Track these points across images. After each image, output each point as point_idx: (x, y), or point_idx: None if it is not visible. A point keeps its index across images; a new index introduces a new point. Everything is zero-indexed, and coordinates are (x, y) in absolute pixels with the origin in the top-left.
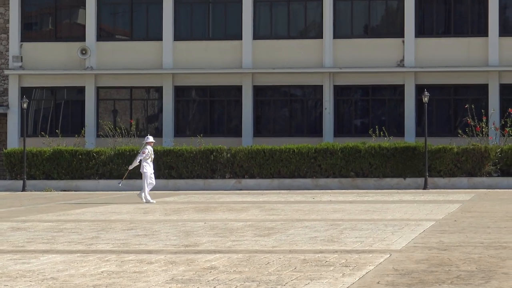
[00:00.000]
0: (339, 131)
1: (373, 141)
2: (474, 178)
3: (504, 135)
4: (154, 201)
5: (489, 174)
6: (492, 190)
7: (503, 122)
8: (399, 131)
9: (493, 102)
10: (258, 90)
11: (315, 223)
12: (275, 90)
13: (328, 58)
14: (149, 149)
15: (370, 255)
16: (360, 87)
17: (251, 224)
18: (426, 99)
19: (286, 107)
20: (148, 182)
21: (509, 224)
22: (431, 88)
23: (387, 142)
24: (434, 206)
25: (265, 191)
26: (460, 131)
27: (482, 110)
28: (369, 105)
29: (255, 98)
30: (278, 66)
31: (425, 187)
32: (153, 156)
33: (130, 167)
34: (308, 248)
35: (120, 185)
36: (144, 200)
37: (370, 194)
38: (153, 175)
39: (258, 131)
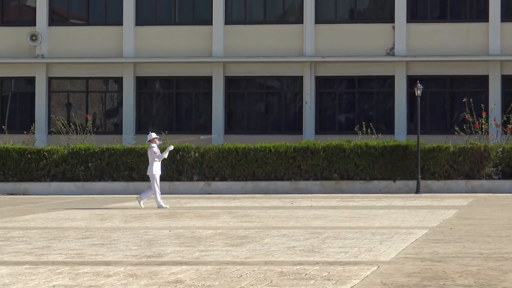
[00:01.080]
0: (321, 128)
1: (359, 139)
2: (473, 181)
3: (506, 133)
4: (168, 206)
5: (489, 177)
6: (493, 194)
7: (505, 118)
8: (389, 128)
9: (494, 95)
10: (230, 82)
11: (294, 231)
12: (250, 82)
13: (309, 45)
14: (156, 146)
15: (356, 267)
16: (345, 78)
17: (222, 232)
18: (419, 92)
19: (261, 100)
20: (158, 185)
21: (511, 232)
22: (425, 79)
23: (375, 140)
24: (427, 212)
25: (237, 195)
26: (457, 128)
27: (482, 105)
28: (355, 99)
29: (226, 91)
30: (252, 55)
31: (417, 191)
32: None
33: (165, 154)
34: (286, 259)
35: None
36: (160, 206)
37: (355, 199)
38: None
39: (230, 128)
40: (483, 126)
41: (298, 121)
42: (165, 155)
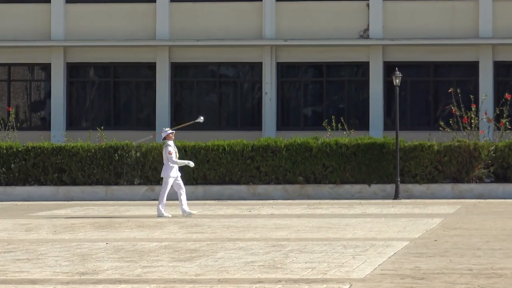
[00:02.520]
0: (283, 123)
1: (328, 137)
2: (460, 184)
3: (499, 129)
4: (195, 212)
5: (480, 180)
6: (484, 200)
7: (498, 112)
8: (363, 123)
9: (485, 85)
10: (177, 69)
11: (252, 244)
12: (200, 69)
13: (269, 27)
14: (173, 145)
15: (324, 285)
16: (311, 65)
17: (168, 245)
18: (397, 81)
19: (213, 91)
20: (179, 190)
21: (505, 244)
22: (404, 66)
23: (346, 137)
24: (408, 221)
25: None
26: (442, 123)
27: (471, 96)
28: (323, 89)
29: (173, 79)
30: (203, 37)
31: (396, 197)
32: (178, 154)
33: (181, 163)
34: (243, 277)
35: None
36: (160, 214)
37: (324, 206)
38: (180, 179)
39: (177, 123)
40: (472, 121)
41: (256, 115)
42: (180, 163)
